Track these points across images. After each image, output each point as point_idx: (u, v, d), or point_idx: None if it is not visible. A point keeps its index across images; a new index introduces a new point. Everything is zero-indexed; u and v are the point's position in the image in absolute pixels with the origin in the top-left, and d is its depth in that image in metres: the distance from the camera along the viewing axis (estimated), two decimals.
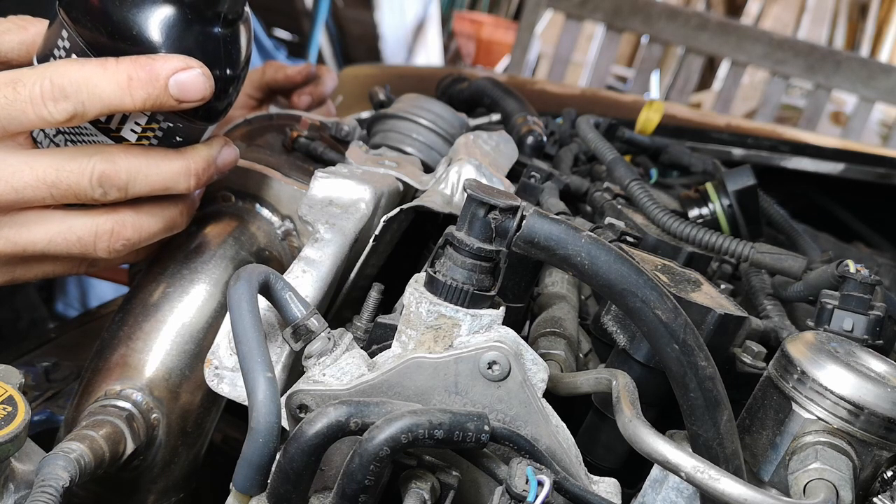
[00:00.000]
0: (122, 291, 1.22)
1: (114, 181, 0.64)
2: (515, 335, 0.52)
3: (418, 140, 0.97)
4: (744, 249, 0.84)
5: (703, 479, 0.45)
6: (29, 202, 0.64)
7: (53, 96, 0.61)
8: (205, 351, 0.64)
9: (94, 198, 0.65)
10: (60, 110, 0.61)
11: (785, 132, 2.13)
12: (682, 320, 0.49)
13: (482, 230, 0.51)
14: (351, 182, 0.75)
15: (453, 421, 0.46)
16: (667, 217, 0.85)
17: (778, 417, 0.54)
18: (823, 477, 0.50)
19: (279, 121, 0.99)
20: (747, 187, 0.98)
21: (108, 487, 0.67)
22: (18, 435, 0.52)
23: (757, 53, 4.07)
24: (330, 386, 0.52)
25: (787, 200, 1.14)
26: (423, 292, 0.52)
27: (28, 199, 0.64)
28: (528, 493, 0.45)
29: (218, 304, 0.69)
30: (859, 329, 0.70)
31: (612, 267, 0.49)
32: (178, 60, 0.63)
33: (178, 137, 0.68)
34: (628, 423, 0.49)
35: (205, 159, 0.69)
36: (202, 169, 0.69)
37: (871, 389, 0.52)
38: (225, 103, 0.69)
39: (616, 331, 0.65)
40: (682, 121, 1.73)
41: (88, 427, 0.61)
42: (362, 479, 0.45)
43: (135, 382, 0.66)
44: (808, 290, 0.81)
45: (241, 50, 0.68)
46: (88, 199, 0.65)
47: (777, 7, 5.03)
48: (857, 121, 4.10)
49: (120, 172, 0.64)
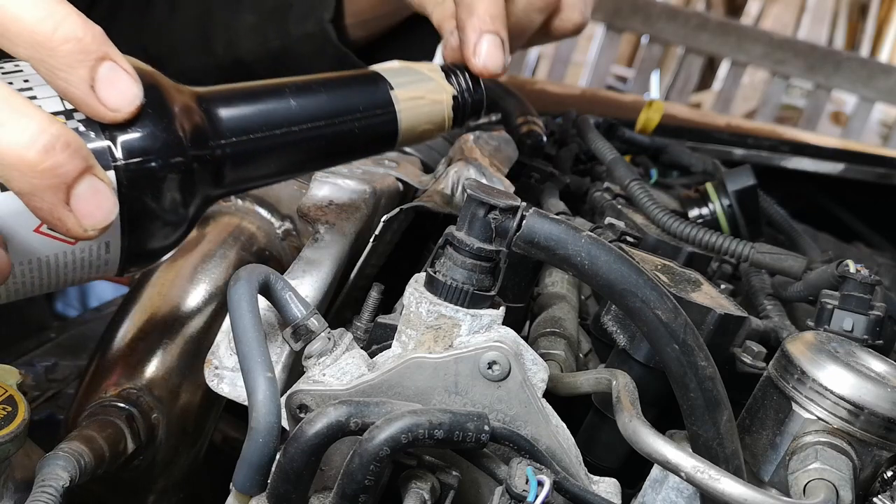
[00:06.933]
0: (122, 291, 1.22)
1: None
2: (515, 335, 0.52)
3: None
4: (744, 249, 0.84)
5: (703, 479, 0.45)
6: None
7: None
8: (205, 351, 0.64)
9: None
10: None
11: (785, 132, 2.13)
12: (682, 320, 0.49)
13: (482, 230, 0.51)
14: (351, 182, 0.75)
15: (453, 421, 0.46)
16: (667, 217, 0.85)
17: (778, 417, 0.54)
18: (823, 477, 0.50)
19: None
20: (747, 187, 0.98)
21: (109, 487, 0.67)
22: (18, 435, 0.52)
23: (757, 53, 4.06)
24: (330, 386, 0.52)
25: (787, 200, 1.14)
26: (423, 292, 0.52)
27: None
28: (528, 493, 0.45)
29: (218, 304, 0.69)
30: (859, 329, 0.70)
31: (612, 267, 0.49)
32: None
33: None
34: (628, 423, 0.49)
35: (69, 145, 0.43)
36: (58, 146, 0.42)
37: (871, 389, 0.52)
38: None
39: (616, 331, 0.65)
40: (682, 121, 1.72)
41: (89, 427, 0.61)
42: (362, 479, 0.45)
43: (135, 382, 0.66)
44: (808, 290, 0.81)
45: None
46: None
47: (777, 7, 5.03)
48: (857, 121, 4.10)
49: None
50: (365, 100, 0.59)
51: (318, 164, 0.64)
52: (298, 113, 0.55)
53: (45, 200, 0.43)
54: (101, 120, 0.46)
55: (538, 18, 0.77)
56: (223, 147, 0.51)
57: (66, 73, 0.45)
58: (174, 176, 0.48)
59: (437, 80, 0.64)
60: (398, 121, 0.60)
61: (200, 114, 0.51)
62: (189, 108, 0.50)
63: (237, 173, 0.53)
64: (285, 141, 0.54)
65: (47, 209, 0.43)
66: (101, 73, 0.45)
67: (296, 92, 0.56)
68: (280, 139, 0.54)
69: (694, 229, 0.84)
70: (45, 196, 0.42)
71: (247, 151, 0.53)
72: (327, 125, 0.56)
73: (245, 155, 0.53)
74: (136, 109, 0.46)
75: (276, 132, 0.54)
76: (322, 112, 0.56)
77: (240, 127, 0.52)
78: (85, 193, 0.43)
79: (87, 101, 0.45)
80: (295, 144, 0.55)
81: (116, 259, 0.48)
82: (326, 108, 0.56)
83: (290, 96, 0.55)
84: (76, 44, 0.44)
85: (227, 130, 0.52)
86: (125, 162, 0.46)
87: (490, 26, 0.67)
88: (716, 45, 4.15)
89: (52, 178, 0.42)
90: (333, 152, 0.59)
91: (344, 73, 0.64)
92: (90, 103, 0.45)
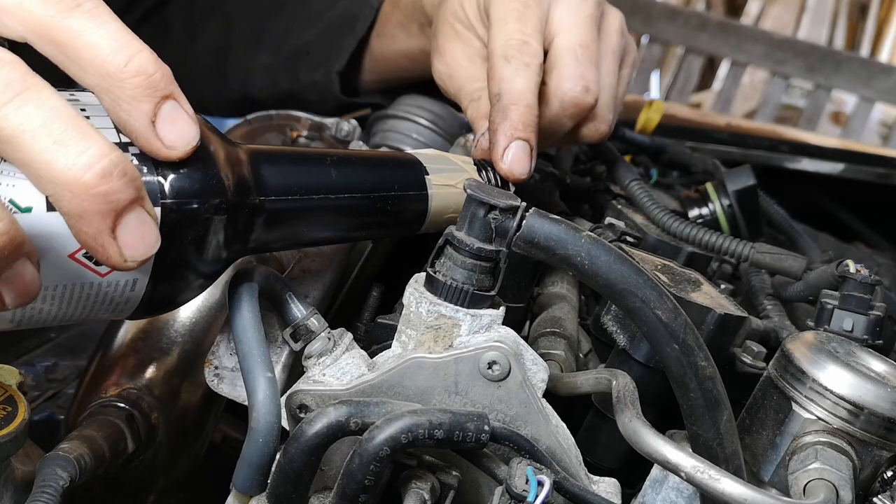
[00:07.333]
0: None
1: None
2: (515, 335, 0.52)
3: (418, 140, 0.97)
4: (744, 249, 0.84)
5: (703, 479, 0.45)
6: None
7: None
8: (205, 351, 0.64)
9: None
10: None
11: (785, 132, 2.13)
12: (682, 320, 0.49)
13: (482, 230, 0.51)
14: None
15: (453, 421, 0.46)
16: (667, 217, 0.85)
17: (778, 417, 0.54)
18: (823, 477, 0.50)
19: (279, 121, 0.99)
20: (747, 187, 0.98)
21: (109, 487, 0.67)
22: (18, 435, 0.52)
23: (757, 53, 4.06)
24: (330, 386, 0.52)
25: (787, 200, 1.14)
26: (423, 292, 0.52)
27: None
28: (528, 493, 0.45)
29: (218, 303, 0.69)
30: (859, 329, 0.70)
31: (612, 267, 0.49)
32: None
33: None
34: (628, 423, 0.49)
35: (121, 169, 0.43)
36: (114, 173, 0.42)
37: (871, 389, 0.52)
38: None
39: (616, 331, 0.65)
40: (682, 121, 1.72)
41: (89, 427, 0.61)
42: (362, 479, 0.45)
43: (135, 382, 0.66)
44: (808, 290, 0.81)
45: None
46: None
47: (777, 7, 5.03)
48: (857, 121, 4.10)
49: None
50: (400, 179, 0.61)
51: (348, 236, 0.66)
52: (337, 182, 0.57)
53: (91, 225, 0.43)
54: (155, 156, 0.47)
55: (569, 124, 0.79)
56: (263, 203, 0.53)
57: (130, 105, 0.45)
58: (213, 222, 0.49)
59: (469, 171, 0.67)
60: (429, 203, 0.62)
61: (247, 168, 0.52)
62: (236, 161, 0.51)
63: (270, 231, 0.54)
64: (321, 206, 0.56)
65: (92, 234, 0.43)
66: (164, 111, 0.46)
67: (337, 163, 0.58)
68: (316, 204, 0.56)
69: (694, 229, 0.84)
70: (92, 221, 0.43)
71: (284, 210, 0.54)
72: (363, 198, 0.58)
73: (281, 214, 0.54)
74: (191, 150, 0.47)
75: (314, 197, 0.55)
76: (359, 185, 0.58)
77: (281, 186, 0.54)
78: (132, 224, 0.44)
79: (146, 136, 0.46)
80: (329, 211, 0.57)
81: (137, 300, 0.49)
82: (364, 181, 0.58)
83: (331, 166, 0.57)
84: (145, 79, 0.45)
85: (269, 187, 0.53)
86: (172, 201, 0.47)
87: (522, 133, 0.70)
88: (716, 45, 4.15)
89: (103, 204, 0.42)
90: (365, 225, 0.60)
91: (383, 153, 0.68)
92: (148, 138, 0.46)
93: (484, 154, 0.72)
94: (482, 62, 0.79)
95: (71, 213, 0.43)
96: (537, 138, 0.71)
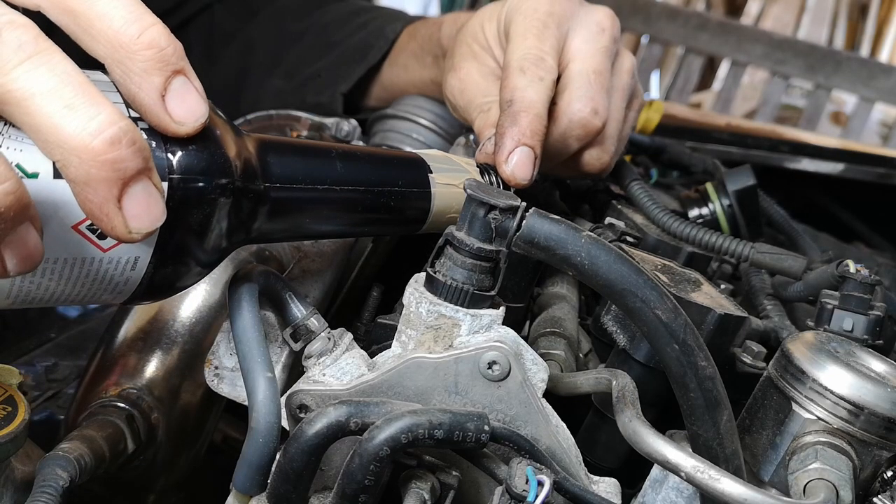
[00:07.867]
0: None
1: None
2: (515, 335, 0.52)
3: (418, 140, 0.97)
4: (744, 249, 0.84)
5: (703, 479, 0.45)
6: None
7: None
8: (205, 351, 0.64)
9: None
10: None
11: (785, 132, 2.13)
12: (682, 320, 0.49)
13: (482, 230, 0.51)
14: None
15: (453, 421, 0.46)
16: (667, 217, 0.85)
17: (778, 417, 0.54)
18: (823, 477, 0.50)
19: (279, 121, 0.99)
20: (747, 187, 0.98)
21: (109, 487, 0.67)
22: (18, 435, 0.52)
23: (757, 53, 4.06)
24: (330, 386, 0.52)
25: (787, 200, 1.14)
26: (423, 292, 0.52)
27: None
28: (528, 493, 0.45)
29: (218, 303, 0.69)
30: (859, 329, 0.70)
31: (612, 267, 0.49)
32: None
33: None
34: (628, 423, 0.49)
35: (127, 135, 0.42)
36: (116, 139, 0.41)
37: (871, 389, 0.52)
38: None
39: (616, 331, 0.65)
40: (682, 121, 1.72)
41: (88, 427, 0.61)
42: (362, 479, 0.45)
43: (135, 382, 0.66)
44: (808, 290, 0.81)
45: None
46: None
47: (777, 7, 5.02)
48: (857, 121, 4.09)
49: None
50: (404, 176, 0.61)
51: (350, 231, 0.65)
52: (342, 174, 0.57)
53: (98, 193, 0.42)
54: (164, 130, 0.46)
55: (574, 146, 0.79)
56: (268, 189, 0.52)
57: (141, 78, 0.45)
58: (219, 204, 0.48)
59: (473, 173, 0.67)
60: (432, 201, 0.62)
61: (253, 154, 0.52)
62: (243, 147, 0.51)
63: (273, 220, 0.54)
64: (325, 197, 0.56)
65: (98, 202, 0.42)
66: (174, 85, 0.45)
67: (342, 156, 0.58)
68: (320, 195, 0.55)
69: (694, 229, 0.84)
70: (99, 188, 0.42)
71: (288, 199, 0.54)
72: (366, 192, 0.58)
73: (285, 202, 0.54)
74: (199, 127, 0.46)
75: (319, 187, 0.55)
76: (363, 178, 0.58)
77: (287, 174, 0.54)
78: (138, 194, 0.43)
79: (155, 110, 0.45)
80: (333, 203, 0.57)
81: (137, 280, 0.48)
82: (368, 175, 0.58)
83: (336, 159, 0.57)
84: (157, 52, 0.44)
85: (275, 175, 0.53)
86: (179, 177, 0.46)
87: (528, 140, 0.70)
88: (716, 45, 4.14)
89: (111, 171, 0.41)
90: (367, 221, 0.60)
91: (388, 150, 0.68)
92: (157, 112, 0.45)
93: (488, 158, 0.72)
94: (495, 80, 0.80)
95: (77, 180, 0.42)
96: (542, 149, 0.71)
